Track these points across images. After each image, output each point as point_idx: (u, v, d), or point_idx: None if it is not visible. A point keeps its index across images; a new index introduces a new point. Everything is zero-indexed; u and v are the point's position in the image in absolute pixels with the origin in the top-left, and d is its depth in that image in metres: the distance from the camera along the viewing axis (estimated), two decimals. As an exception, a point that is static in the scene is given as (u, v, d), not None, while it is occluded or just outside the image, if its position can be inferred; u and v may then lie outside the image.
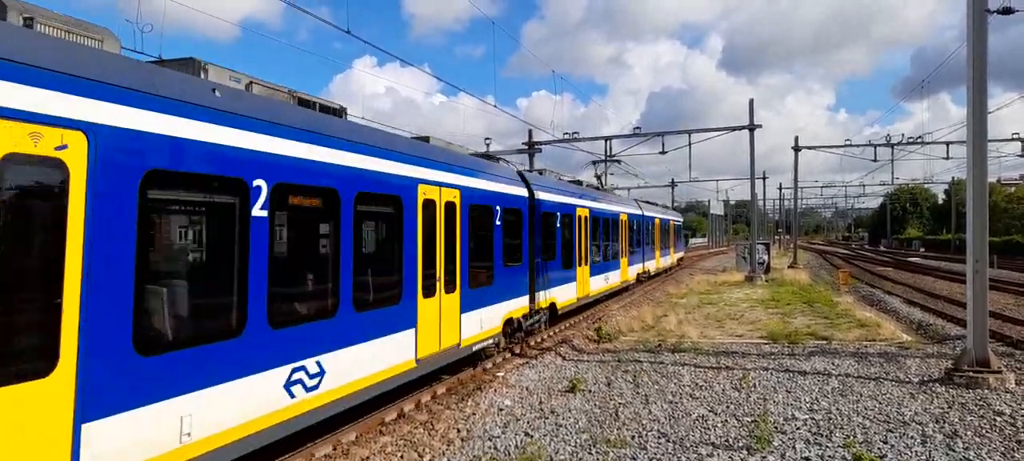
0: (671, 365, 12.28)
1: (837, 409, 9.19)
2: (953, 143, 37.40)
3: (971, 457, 7.30)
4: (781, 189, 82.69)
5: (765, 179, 67.74)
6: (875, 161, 39.02)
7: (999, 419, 8.63)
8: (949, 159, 38.47)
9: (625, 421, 8.88)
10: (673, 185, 69.20)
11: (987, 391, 9.95)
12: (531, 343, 15.16)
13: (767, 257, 34.15)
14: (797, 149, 40.07)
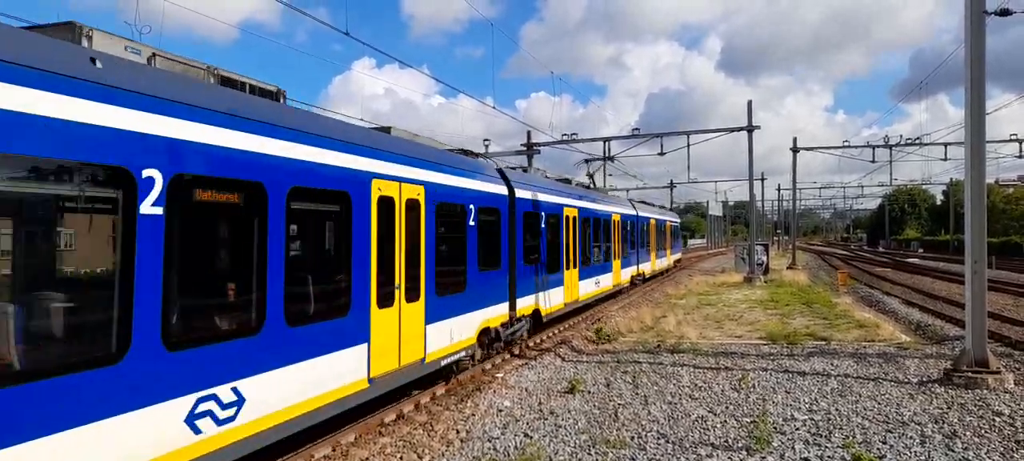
0: (670, 366, 12.29)
1: (836, 409, 9.20)
2: (951, 144, 37.46)
3: (970, 457, 7.30)
4: (780, 190, 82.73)
5: (764, 180, 67.85)
6: (873, 162, 39.08)
7: (998, 419, 8.64)
8: (947, 160, 38.57)
9: (624, 422, 8.88)
10: (672, 186, 69.20)
11: (986, 391, 9.96)
12: (530, 344, 15.16)
13: (766, 258, 34.16)
14: (796, 150, 40.11)
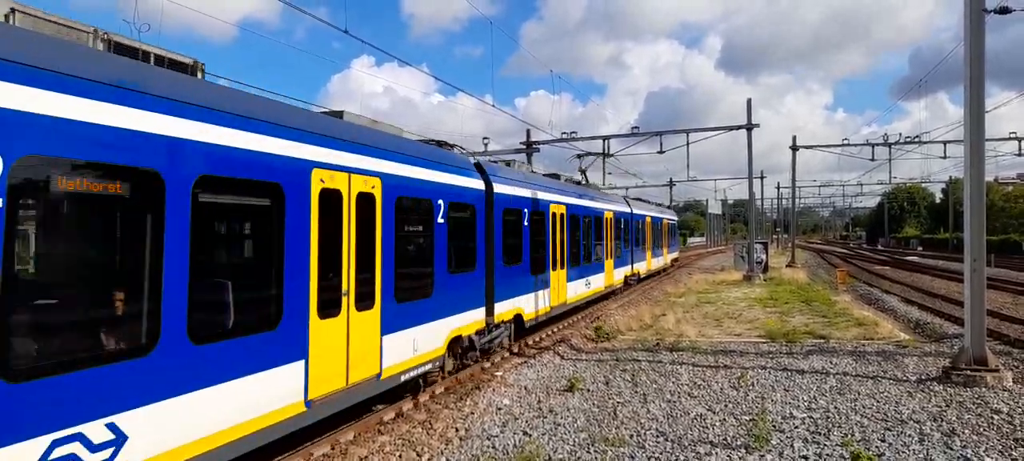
0: (669, 364, 12.29)
1: (835, 408, 9.20)
2: (950, 142, 37.44)
3: (969, 455, 7.31)
4: (779, 188, 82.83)
5: (763, 178, 67.77)
6: (873, 160, 39.03)
7: (997, 417, 8.65)
8: (946, 158, 38.58)
9: (623, 420, 8.88)
10: (671, 184, 69.25)
11: (985, 389, 9.97)
12: (529, 342, 15.17)
13: (765, 256, 34.17)
14: (795, 148, 40.13)
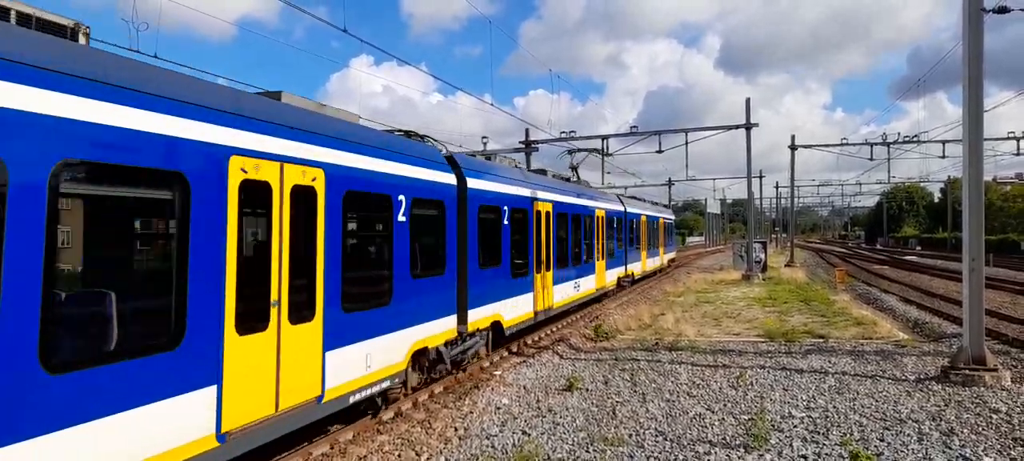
0: (668, 363, 12.30)
1: (834, 407, 9.21)
2: (949, 142, 37.48)
3: (967, 454, 7.32)
4: (778, 188, 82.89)
5: (762, 178, 67.82)
6: (871, 160, 39.05)
7: (995, 416, 8.66)
8: (945, 158, 38.56)
9: (622, 419, 8.89)
10: (670, 184, 69.32)
11: (983, 389, 9.98)
12: (528, 341, 15.17)
13: (764, 256, 34.21)
14: (793, 148, 40.16)
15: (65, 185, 4.86)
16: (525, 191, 14.70)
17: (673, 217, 45.18)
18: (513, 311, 13.69)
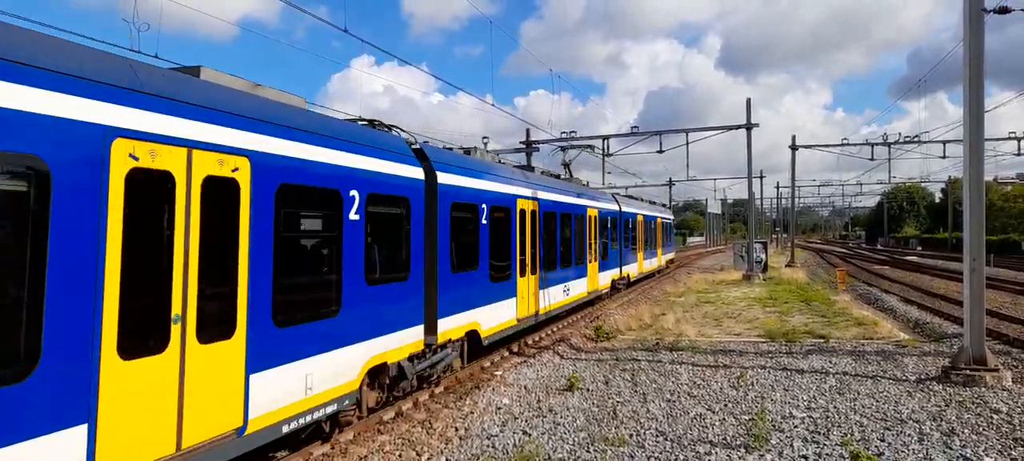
0: (669, 363, 12.30)
1: (834, 407, 9.21)
2: (950, 142, 37.50)
3: (968, 455, 7.32)
4: (779, 188, 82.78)
5: (763, 178, 67.84)
6: (872, 160, 39.07)
7: (996, 417, 8.66)
8: (946, 158, 38.61)
9: (623, 419, 8.89)
10: (671, 184, 69.33)
11: (984, 389, 9.98)
12: (529, 342, 15.17)
13: (764, 256, 34.22)
14: (794, 148, 40.16)
15: None
16: (507, 188, 13.63)
17: (672, 217, 44.44)
18: (492, 319, 12.57)
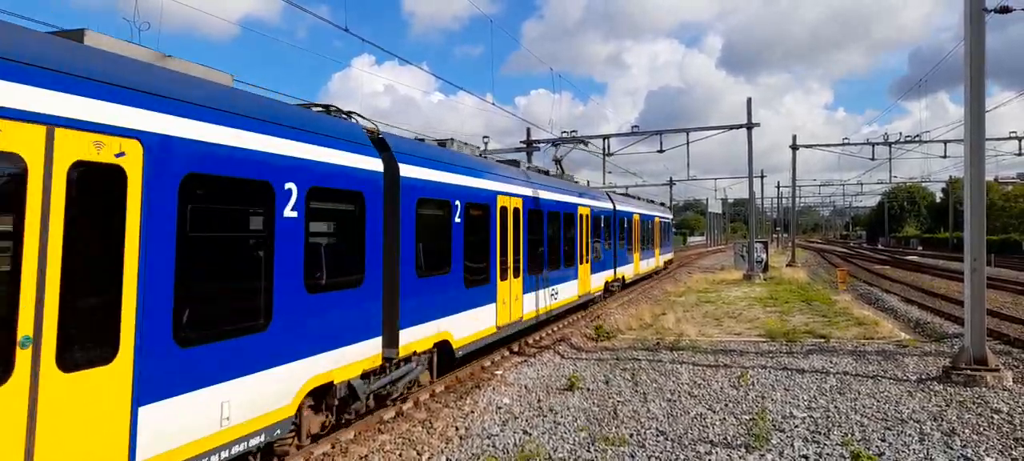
0: (669, 363, 12.30)
1: (835, 407, 9.21)
2: (951, 142, 37.47)
3: (969, 455, 7.32)
4: (779, 188, 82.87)
5: (763, 178, 67.86)
6: (873, 160, 39.05)
7: (997, 417, 8.66)
8: (947, 158, 38.57)
9: (623, 419, 8.89)
10: (672, 183, 69.32)
11: (985, 389, 9.98)
12: (529, 341, 15.17)
13: (765, 255, 34.19)
14: (795, 147, 40.14)
15: None
16: (486, 183, 12.43)
17: (670, 216, 43.46)
18: (467, 327, 11.36)
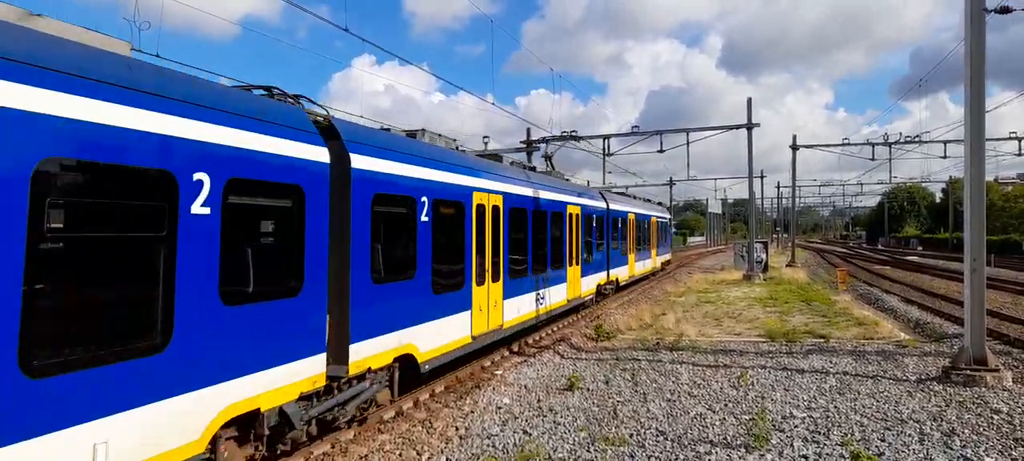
0: (669, 363, 12.30)
1: (835, 407, 9.21)
2: (951, 142, 37.45)
3: (969, 455, 7.32)
4: (779, 188, 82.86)
5: (763, 178, 67.85)
6: (873, 160, 39.04)
7: (996, 417, 8.66)
8: (947, 158, 38.57)
9: (623, 419, 8.89)
10: (672, 183, 69.30)
11: (984, 389, 9.98)
12: (529, 341, 15.17)
13: (765, 256, 34.19)
14: (795, 148, 40.13)
15: None
16: (460, 178, 11.25)
17: (668, 216, 42.11)
18: (436, 338, 10.27)
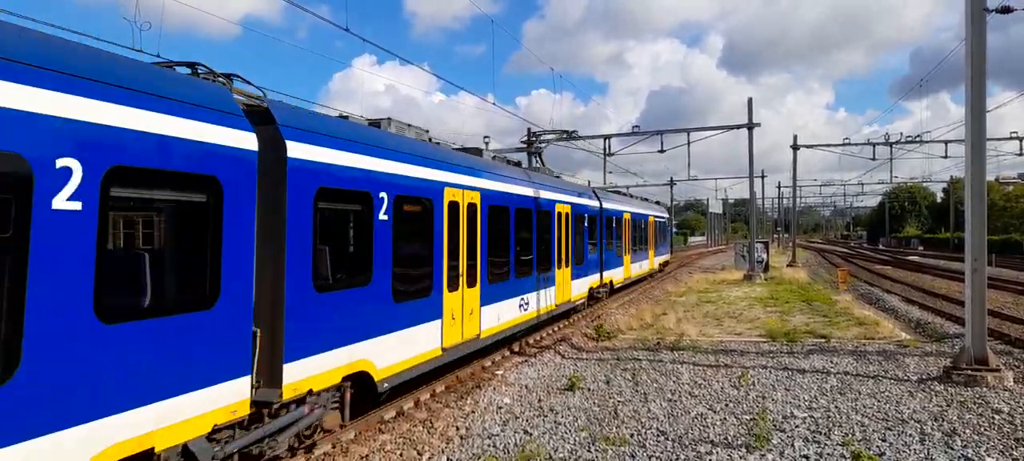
0: (670, 363, 12.30)
1: (836, 407, 9.21)
2: (952, 142, 37.42)
3: (970, 455, 7.31)
4: (780, 188, 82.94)
5: (764, 178, 67.92)
6: (874, 160, 39.01)
7: (997, 417, 8.65)
8: (948, 158, 38.51)
9: (624, 419, 8.89)
10: (672, 183, 69.30)
11: (985, 389, 9.97)
12: (529, 341, 15.17)
13: (766, 256, 34.20)
14: (796, 148, 40.11)
15: None
16: (427, 172, 10.08)
17: (667, 215, 40.58)
18: (398, 352, 9.07)
